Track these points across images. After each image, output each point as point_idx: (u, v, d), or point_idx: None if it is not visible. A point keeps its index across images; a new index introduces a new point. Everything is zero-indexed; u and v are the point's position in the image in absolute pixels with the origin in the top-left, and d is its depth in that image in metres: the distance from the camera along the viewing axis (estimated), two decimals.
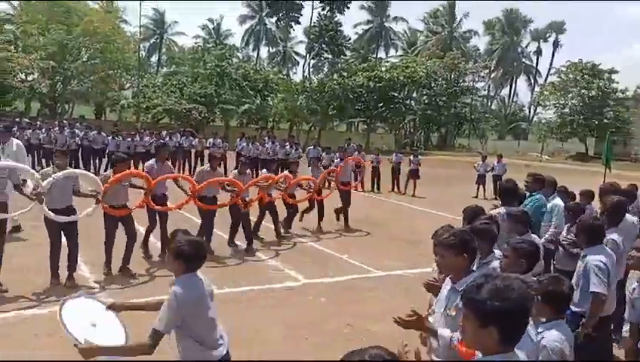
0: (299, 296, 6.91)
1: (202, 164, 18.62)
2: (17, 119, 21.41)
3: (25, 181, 6.71)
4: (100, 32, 33.36)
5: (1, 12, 35.57)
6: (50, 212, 6.39)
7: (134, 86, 39.05)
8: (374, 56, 57.13)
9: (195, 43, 50.02)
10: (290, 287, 7.20)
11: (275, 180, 9.80)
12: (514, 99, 70.63)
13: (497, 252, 3.92)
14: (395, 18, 60.87)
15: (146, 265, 7.77)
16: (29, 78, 33.49)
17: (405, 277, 7.91)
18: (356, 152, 18.08)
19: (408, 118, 45.41)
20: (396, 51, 61.36)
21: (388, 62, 49.24)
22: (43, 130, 17.81)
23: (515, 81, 69.04)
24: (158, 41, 58.69)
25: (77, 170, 7.51)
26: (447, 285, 3.26)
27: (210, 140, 19.64)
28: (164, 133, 20.15)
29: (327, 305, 6.64)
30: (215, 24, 57.87)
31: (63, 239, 6.70)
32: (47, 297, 6.21)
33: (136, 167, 14.67)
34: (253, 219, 9.52)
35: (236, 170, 9.27)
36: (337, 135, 41.89)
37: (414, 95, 45.24)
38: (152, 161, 8.29)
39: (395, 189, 17.76)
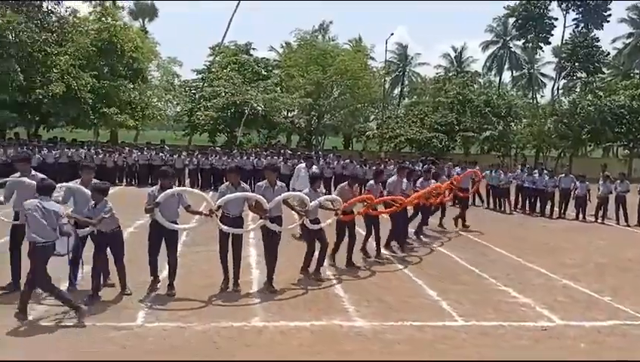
0: (555, 338, 6.36)
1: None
2: (282, 150, 24.55)
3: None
4: (350, 69, 36.29)
5: (271, 59, 41.49)
6: (311, 224, 8.23)
7: (378, 118, 41.29)
8: (638, 72, 50.04)
9: (437, 73, 50.72)
10: (544, 327, 6.69)
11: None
12: None
13: None
14: None
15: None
16: (290, 114, 38.09)
17: None
18: (615, 183, 16.04)
19: None
20: None
21: None
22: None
23: None
24: (401, 73, 61.14)
25: (331, 196, 9.33)
26: None
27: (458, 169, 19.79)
28: (407, 162, 20.77)
29: (589, 351, 5.98)
30: (457, 52, 57.93)
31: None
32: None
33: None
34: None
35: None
36: (591, 162, 37.68)
37: None
38: (371, 182, 10.23)
39: None
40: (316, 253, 8.42)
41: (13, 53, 24.03)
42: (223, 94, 33.55)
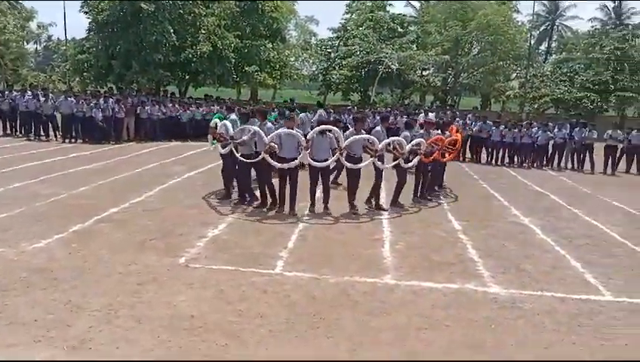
0: None
1: (592, 158, 17.76)
2: (416, 110, 24.09)
3: None
4: (492, 24, 33.97)
5: (407, 15, 40.30)
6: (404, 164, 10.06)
7: (521, 76, 38.57)
8: None
9: (592, 26, 45.82)
10: None
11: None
12: None
13: None
14: None
15: None
16: (425, 73, 36.96)
17: None
18: None
19: None
20: None
21: None
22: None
23: None
24: (550, 27, 56.18)
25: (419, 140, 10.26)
26: None
27: (609, 132, 18.24)
28: (550, 124, 19.32)
29: None
30: (616, 2, 51.62)
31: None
32: None
33: None
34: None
35: None
36: None
37: None
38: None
39: None
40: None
41: (167, 15, 25.88)
42: (358, 53, 33.44)
